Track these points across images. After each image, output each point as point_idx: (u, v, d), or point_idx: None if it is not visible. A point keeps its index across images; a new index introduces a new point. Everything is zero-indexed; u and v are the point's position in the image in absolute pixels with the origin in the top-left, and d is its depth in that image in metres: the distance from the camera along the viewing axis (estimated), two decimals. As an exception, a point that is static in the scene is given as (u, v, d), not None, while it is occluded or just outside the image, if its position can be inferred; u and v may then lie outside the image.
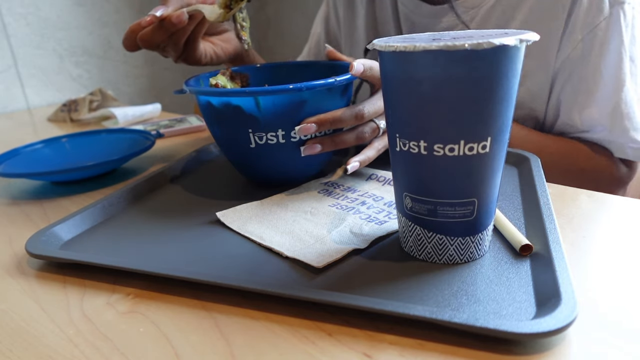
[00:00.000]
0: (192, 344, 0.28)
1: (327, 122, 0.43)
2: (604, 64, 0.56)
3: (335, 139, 0.45)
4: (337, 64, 0.53)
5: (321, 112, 0.44)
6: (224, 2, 0.49)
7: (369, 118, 0.45)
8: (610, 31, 0.55)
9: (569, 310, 0.25)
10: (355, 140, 0.45)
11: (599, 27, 0.55)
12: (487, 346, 0.26)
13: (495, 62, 0.27)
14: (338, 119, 0.43)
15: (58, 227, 0.41)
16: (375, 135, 0.46)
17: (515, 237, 0.34)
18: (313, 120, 0.43)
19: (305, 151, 0.44)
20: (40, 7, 1.27)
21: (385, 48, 0.29)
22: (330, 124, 0.43)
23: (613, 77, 0.57)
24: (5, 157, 0.59)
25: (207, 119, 0.48)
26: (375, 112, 0.45)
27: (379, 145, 0.47)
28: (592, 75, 0.57)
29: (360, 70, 0.42)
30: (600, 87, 0.57)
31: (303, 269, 0.33)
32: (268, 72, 0.59)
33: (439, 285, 0.30)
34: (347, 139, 0.45)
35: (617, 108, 0.57)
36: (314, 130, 0.43)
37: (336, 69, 0.53)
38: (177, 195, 0.49)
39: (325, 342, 0.27)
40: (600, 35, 0.56)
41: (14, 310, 0.32)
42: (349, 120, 0.44)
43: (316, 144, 0.44)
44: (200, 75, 0.53)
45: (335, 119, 0.43)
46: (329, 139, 0.44)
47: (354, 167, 0.44)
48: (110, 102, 1.02)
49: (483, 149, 0.29)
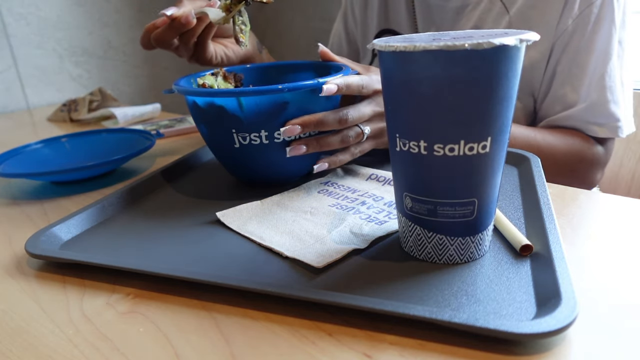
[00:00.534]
0: (192, 344, 0.28)
1: (311, 124, 0.44)
2: (596, 39, 0.60)
3: (320, 140, 0.45)
4: (331, 65, 0.54)
5: (305, 114, 0.44)
6: (226, 6, 0.51)
7: (353, 123, 0.46)
8: (604, 8, 0.59)
9: (569, 310, 0.25)
10: (340, 143, 0.46)
11: (594, 3, 0.59)
12: (487, 346, 0.26)
13: (495, 62, 0.27)
14: (321, 121, 0.44)
15: (57, 227, 0.41)
16: (359, 140, 0.47)
17: (515, 237, 0.34)
18: (297, 122, 0.43)
19: (291, 152, 0.44)
20: (40, 7, 1.27)
21: (385, 48, 0.29)
22: (314, 126, 0.44)
23: (602, 51, 0.60)
24: (5, 157, 0.59)
25: (195, 119, 0.48)
26: (359, 117, 0.46)
27: (355, 150, 0.48)
28: (585, 49, 0.61)
29: (332, 90, 0.43)
30: (591, 61, 0.61)
31: (303, 269, 0.33)
32: (262, 73, 0.59)
33: (439, 285, 0.30)
34: (331, 142, 0.46)
35: (601, 79, 0.61)
36: (298, 131, 0.43)
37: (330, 70, 0.53)
38: (176, 195, 0.49)
39: (325, 342, 0.27)
40: (595, 11, 0.59)
41: (14, 310, 0.32)
42: (333, 123, 0.45)
43: (301, 144, 0.44)
44: (193, 75, 0.53)
45: (319, 121, 0.44)
46: (314, 141, 0.45)
47: (321, 168, 0.46)
48: (110, 102, 1.02)
49: (483, 149, 0.29)
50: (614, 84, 0.61)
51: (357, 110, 0.46)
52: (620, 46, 0.61)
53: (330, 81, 0.43)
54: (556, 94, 0.64)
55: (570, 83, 0.62)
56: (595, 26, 0.60)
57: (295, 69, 0.58)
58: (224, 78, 0.54)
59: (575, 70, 0.62)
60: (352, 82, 0.45)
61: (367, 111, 0.47)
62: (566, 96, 0.63)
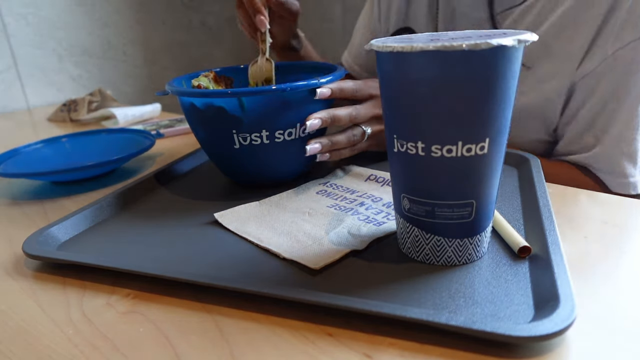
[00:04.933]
0: (192, 344, 0.28)
1: (329, 119, 0.46)
2: (628, 85, 0.53)
3: (331, 138, 0.47)
4: (324, 66, 0.55)
5: (305, 113, 0.45)
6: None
7: (361, 120, 0.49)
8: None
9: (567, 313, 0.25)
10: (346, 142, 0.48)
11: (629, 45, 0.52)
12: (486, 348, 0.26)
13: (493, 62, 0.27)
14: (337, 117, 0.46)
15: (55, 228, 0.41)
16: (362, 140, 0.49)
17: (513, 239, 0.34)
18: (318, 117, 0.45)
19: (311, 150, 0.46)
20: (40, 7, 1.27)
21: (383, 49, 0.29)
22: (331, 121, 0.46)
23: (633, 99, 0.54)
24: (5, 157, 0.59)
25: (191, 121, 0.48)
26: (364, 115, 0.48)
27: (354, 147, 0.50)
28: (614, 96, 0.54)
29: (325, 94, 0.45)
30: (618, 109, 0.54)
31: (301, 270, 0.34)
32: None
33: (437, 287, 0.31)
34: (340, 140, 0.47)
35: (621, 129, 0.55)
36: (319, 126, 0.45)
37: (323, 69, 0.54)
38: (174, 196, 0.49)
39: (325, 342, 0.27)
40: (630, 55, 0.52)
41: (14, 311, 0.32)
42: (345, 119, 0.47)
43: (316, 144, 0.46)
44: (183, 77, 0.53)
45: (334, 117, 0.46)
46: (325, 139, 0.47)
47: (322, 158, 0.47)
48: (109, 103, 1.02)
49: (481, 150, 0.29)
50: (633, 135, 0.55)
51: (364, 108, 0.49)
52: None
53: (324, 85, 0.44)
54: (575, 137, 0.58)
55: (592, 130, 0.56)
56: (628, 71, 0.53)
57: (292, 69, 0.58)
58: (215, 81, 0.54)
59: (599, 118, 0.56)
60: (346, 87, 0.47)
61: (369, 111, 0.49)
62: (584, 140, 0.57)
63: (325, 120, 0.45)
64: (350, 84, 0.48)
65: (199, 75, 0.53)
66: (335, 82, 0.46)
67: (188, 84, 0.53)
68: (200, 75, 0.53)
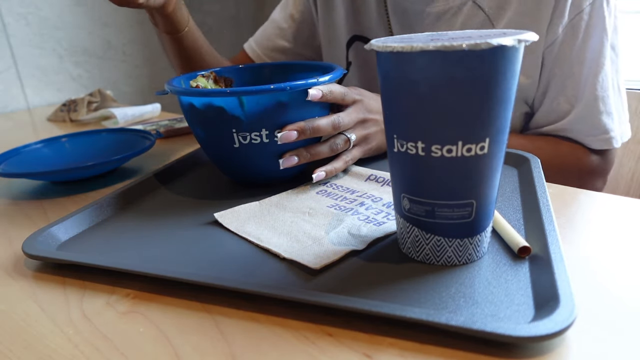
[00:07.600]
0: (192, 344, 0.28)
1: (307, 130, 0.44)
2: (587, 48, 0.58)
3: (310, 150, 0.46)
4: (320, 65, 0.55)
5: (305, 112, 0.45)
6: None
7: (344, 128, 0.48)
8: (594, 16, 0.57)
9: (567, 313, 0.25)
10: (329, 151, 0.47)
11: (584, 11, 0.57)
12: (486, 348, 0.26)
13: (493, 62, 0.27)
14: (317, 127, 0.45)
15: (55, 228, 0.41)
16: (346, 147, 0.48)
17: (513, 239, 0.34)
18: (294, 128, 0.44)
19: (284, 163, 0.45)
20: (40, 7, 1.27)
21: (383, 49, 0.29)
22: (310, 132, 0.45)
23: (594, 60, 0.59)
24: (5, 157, 0.59)
25: (190, 120, 0.48)
26: (349, 122, 0.48)
27: (347, 158, 0.49)
28: (577, 60, 0.59)
29: (317, 96, 0.44)
30: (583, 72, 0.59)
31: (301, 270, 0.34)
32: (252, 73, 0.60)
33: (437, 287, 0.31)
34: (321, 151, 0.47)
35: (593, 90, 0.59)
36: (294, 137, 0.44)
37: (318, 69, 0.54)
38: (174, 196, 0.49)
39: (325, 342, 0.27)
40: (585, 19, 0.58)
41: (14, 311, 0.32)
42: (327, 128, 0.46)
43: (293, 156, 0.45)
44: (182, 77, 0.53)
45: (314, 127, 0.45)
46: (304, 151, 0.46)
47: (319, 177, 0.46)
48: (109, 103, 1.02)
49: (481, 150, 0.29)
50: (606, 93, 0.59)
51: (347, 115, 0.48)
52: (614, 51, 0.59)
53: (315, 87, 0.44)
54: (551, 105, 0.63)
55: (564, 94, 0.61)
56: (585, 35, 0.58)
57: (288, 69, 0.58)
58: (214, 81, 0.54)
59: (568, 82, 0.61)
60: (335, 90, 0.46)
61: (353, 117, 0.48)
62: (560, 107, 0.62)
63: (303, 131, 0.44)
64: (340, 87, 0.47)
65: (196, 76, 0.53)
66: (326, 84, 0.45)
67: (186, 85, 0.53)
68: (198, 75, 0.53)
